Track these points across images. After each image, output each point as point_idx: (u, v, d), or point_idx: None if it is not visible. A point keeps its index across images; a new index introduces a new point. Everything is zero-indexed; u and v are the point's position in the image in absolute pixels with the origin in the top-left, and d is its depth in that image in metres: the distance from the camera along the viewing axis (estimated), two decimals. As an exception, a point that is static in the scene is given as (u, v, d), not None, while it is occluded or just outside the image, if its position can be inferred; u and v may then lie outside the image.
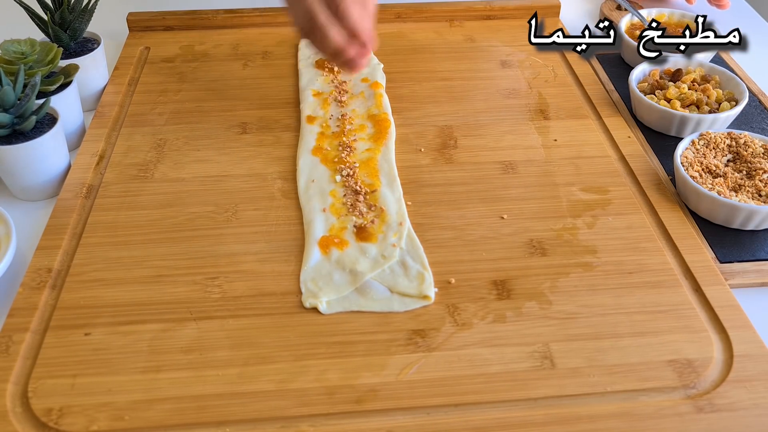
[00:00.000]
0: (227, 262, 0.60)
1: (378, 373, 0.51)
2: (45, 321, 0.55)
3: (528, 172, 0.70)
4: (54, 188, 0.69)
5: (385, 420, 0.48)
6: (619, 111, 0.79)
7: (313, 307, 0.56)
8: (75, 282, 0.58)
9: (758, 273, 0.60)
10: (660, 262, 0.60)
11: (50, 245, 0.61)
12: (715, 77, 0.78)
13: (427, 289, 0.57)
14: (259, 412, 0.49)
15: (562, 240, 0.62)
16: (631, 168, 0.70)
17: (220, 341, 0.53)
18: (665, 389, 0.50)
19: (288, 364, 0.52)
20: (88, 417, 0.48)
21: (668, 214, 0.65)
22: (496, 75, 0.85)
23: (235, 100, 0.80)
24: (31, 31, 0.76)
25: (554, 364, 0.52)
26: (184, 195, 0.67)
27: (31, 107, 0.65)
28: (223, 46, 0.90)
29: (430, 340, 0.53)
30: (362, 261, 0.59)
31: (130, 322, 0.55)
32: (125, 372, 0.51)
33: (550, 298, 0.57)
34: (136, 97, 0.81)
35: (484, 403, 0.49)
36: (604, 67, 0.87)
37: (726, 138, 0.69)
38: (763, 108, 0.80)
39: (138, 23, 0.93)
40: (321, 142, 0.72)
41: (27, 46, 0.71)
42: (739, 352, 0.52)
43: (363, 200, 0.65)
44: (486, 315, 0.55)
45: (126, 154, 0.72)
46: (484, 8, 0.96)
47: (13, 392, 0.50)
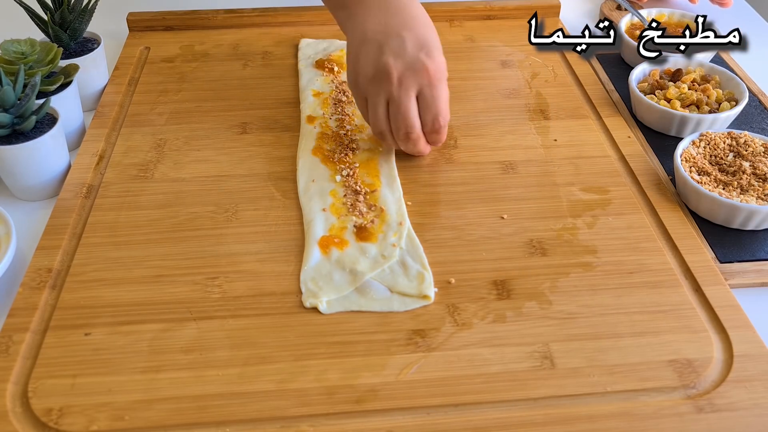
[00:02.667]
0: (227, 262, 0.60)
1: (378, 373, 0.51)
2: (45, 321, 0.55)
3: (528, 172, 0.70)
4: (54, 188, 0.69)
5: (385, 420, 0.48)
6: (619, 111, 0.79)
7: (313, 307, 0.56)
8: (75, 282, 0.58)
9: (758, 273, 0.60)
10: (660, 262, 0.60)
11: (50, 245, 0.61)
12: (715, 77, 0.78)
13: (426, 289, 0.57)
14: (259, 412, 0.49)
15: (562, 240, 0.62)
16: (631, 168, 0.70)
17: (220, 341, 0.53)
18: (665, 389, 0.50)
19: (288, 364, 0.52)
20: (88, 417, 0.48)
21: (668, 214, 0.65)
22: (496, 75, 0.85)
23: (235, 100, 0.80)
24: (31, 31, 0.76)
25: (554, 364, 0.52)
26: (184, 195, 0.67)
27: (31, 107, 0.65)
28: (223, 46, 0.90)
29: (430, 340, 0.53)
30: (362, 261, 0.59)
31: (130, 322, 0.55)
32: (125, 372, 0.51)
33: (550, 298, 0.57)
34: (136, 97, 0.81)
35: (484, 403, 0.49)
36: (604, 67, 0.87)
37: (726, 138, 0.69)
38: (763, 108, 0.80)
39: (138, 23, 0.93)
40: (321, 142, 0.72)
41: (27, 46, 0.71)
42: (739, 352, 0.52)
43: (363, 200, 0.65)
44: (486, 315, 0.55)
45: (126, 154, 0.72)
46: (484, 8, 0.96)
47: (13, 392, 0.50)
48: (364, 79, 0.64)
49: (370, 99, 0.65)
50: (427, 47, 0.63)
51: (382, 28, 0.64)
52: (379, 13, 0.65)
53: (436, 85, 0.63)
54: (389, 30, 0.64)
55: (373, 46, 0.63)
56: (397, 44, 0.63)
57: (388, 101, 0.64)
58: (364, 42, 0.64)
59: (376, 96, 0.64)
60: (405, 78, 0.62)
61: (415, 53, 0.62)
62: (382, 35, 0.63)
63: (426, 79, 0.62)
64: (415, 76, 0.62)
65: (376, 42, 0.63)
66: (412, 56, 0.62)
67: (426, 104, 0.63)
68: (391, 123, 0.64)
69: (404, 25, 0.64)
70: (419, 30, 0.64)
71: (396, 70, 0.62)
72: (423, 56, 0.62)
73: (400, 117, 0.63)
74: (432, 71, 0.62)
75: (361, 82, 0.64)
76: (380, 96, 0.63)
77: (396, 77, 0.62)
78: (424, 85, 0.63)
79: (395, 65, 0.62)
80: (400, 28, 0.64)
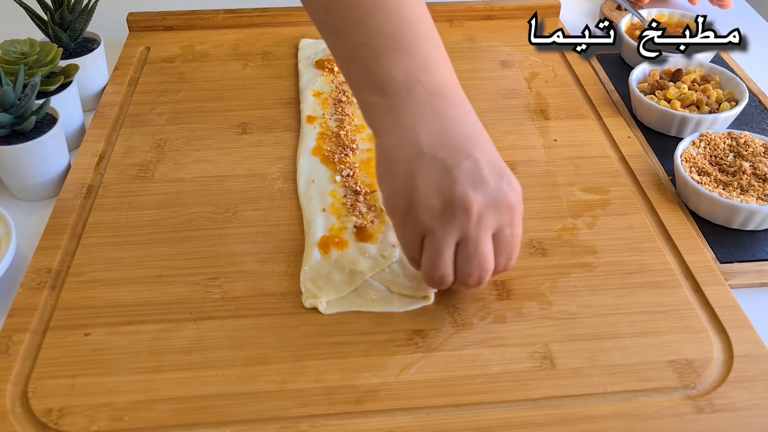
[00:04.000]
0: (227, 263, 0.60)
1: (378, 373, 0.51)
2: (45, 321, 0.55)
3: (528, 172, 0.70)
4: (54, 188, 0.69)
5: (385, 420, 0.48)
6: (619, 111, 0.79)
7: (313, 307, 0.56)
8: (75, 282, 0.58)
9: (758, 273, 0.60)
10: (660, 262, 0.60)
11: (50, 245, 0.61)
12: (715, 77, 0.78)
13: (426, 289, 0.57)
14: (259, 413, 0.49)
15: (562, 240, 0.62)
16: (631, 168, 0.70)
17: (220, 341, 0.53)
18: (665, 389, 0.50)
19: (288, 364, 0.52)
20: (88, 417, 0.48)
21: (668, 214, 0.65)
22: (496, 75, 0.85)
23: (235, 100, 0.80)
24: (31, 31, 0.76)
25: (554, 365, 0.52)
26: (184, 195, 0.67)
27: (31, 107, 0.65)
28: (223, 46, 0.90)
29: (430, 341, 0.53)
30: (362, 261, 0.59)
31: (130, 322, 0.55)
32: (125, 372, 0.51)
33: (550, 298, 0.57)
34: (136, 97, 0.81)
35: (485, 404, 0.49)
36: (604, 67, 0.87)
37: (726, 138, 0.69)
38: (763, 108, 0.80)
39: (138, 23, 0.93)
40: (321, 142, 0.72)
41: (27, 46, 0.71)
42: (739, 353, 0.52)
43: (363, 200, 0.65)
44: (486, 315, 0.55)
45: (126, 154, 0.72)
46: (484, 8, 0.96)
47: (13, 392, 0.50)
48: (427, 211, 0.49)
49: (433, 236, 0.50)
50: (505, 173, 0.51)
51: (441, 140, 0.50)
52: (432, 115, 0.50)
53: (517, 224, 0.51)
54: (456, 147, 0.50)
55: (437, 168, 0.49)
56: (473, 170, 0.49)
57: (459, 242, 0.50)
58: (420, 157, 0.49)
59: (444, 235, 0.49)
60: (485, 215, 0.49)
61: (497, 184, 0.49)
62: (446, 153, 0.49)
63: (509, 217, 0.50)
64: (498, 213, 0.50)
65: (440, 162, 0.49)
66: (494, 188, 0.49)
67: (503, 245, 0.51)
68: (459, 266, 0.50)
69: (471, 140, 0.51)
70: (488, 149, 0.51)
71: (477, 206, 0.49)
72: (506, 187, 0.50)
73: (476, 262, 0.50)
74: (516, 206, 0.50)
75: (423, 214, 0.49)
76: (451, 236, 0.49)
77: (476, 213, 0.49)
78: (505, 224, 0.50)
79: (476, 200, 0.48)
80: (468, 146, 0.50)
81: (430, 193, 0.49)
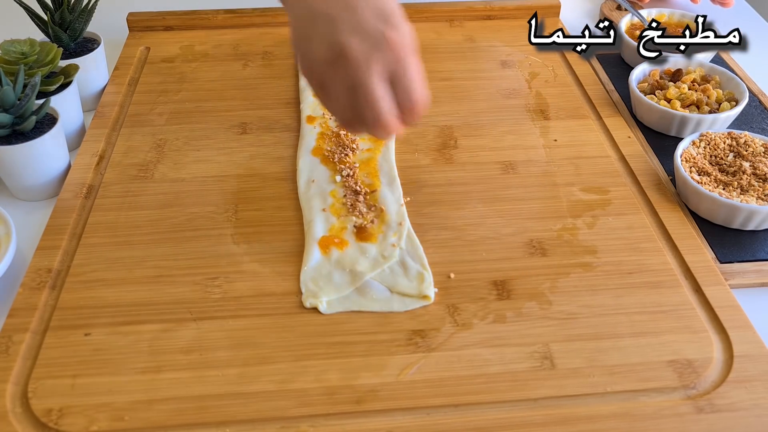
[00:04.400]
0: (227, 262, 0.60)
1: (378, 373, 0.51)
2: (45, 321, 0.55)
3: (528, 172, 0.70)
4: (54, 188, 0.69)
5: (385, 420, 0.48)
6: (619, 111, 0.79)
7: (313, 307, 0.56)
8: (75, 282, 0.58)
9: (758, 273, 0.60)
10: (660, 262, 0.60)
11: (50, 245, 0.61)
12: (715, 77, 0.78)
13: (426, 289, 0.57)
14: (259, 413, 0.49)
15: (562, 240, 0.62)
16: (631, 168, 0.70)
17: (220, 341, 0.53)
18: (665, 389, 0.50)
19: (288, 364, 0.52)
20: (88, 417, 0.48)
21: (668, 214, 0.65)
22: (496, 75, 0.85)
23: (235, 100, 0.80)
24: (31, 31, 0.76)
25: (554, 365, 0.52)
26: (184, 195, 0.67)
27: (31, 107, 0.65)
28: (223, 46, 0.90)
29: (430, 341, 0.53)
30: (362, 261, 0.59)
31: (130, 322, 0.55)
32: (125, 372, 0.51)
33: (550, 298, 0.57)
34: (136, 97, 0.81)
35: (484, 404, 0.49)
36: (604, 67, 0.87)
37: (726, 138, 0.69)
38: (763, 108, 0.80)
39: (138, 23, 0.93)
40: (321, 142, 0.72)
41: (27, 46, 0.71)
42: (739, 353, 0.52)
43: (363, 200, 0.65)
44: (486, 315, 0.55)
45: (126, 154, 0.72)
46: (484, 8, 0.96)
47: (13, 392, 0.50)
48: (319, 64, 0.53)
49: (326, 86, 0.54)
50: (388, 16, 0.53)
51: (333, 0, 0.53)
52: None
53: (406, 61, 0.52)
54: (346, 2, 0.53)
55: (324, 22, 0.53)
56: (352, 17, 0.52)
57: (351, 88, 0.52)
58: (311, 18, 0.53)
59: (335, 83, 0.53)
60: (370, 60, 0.51)
61: (378, 27, 0.52)
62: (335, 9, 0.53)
63: (394, 56, 0.52)
64: (381, 55, 0.52)
65: (326, 17, 0.53)
66: (373, 31, 0.52)
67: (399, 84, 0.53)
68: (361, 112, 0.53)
69: None
70: None
71: (355, 50, 0.51)
72: (387, 29, 0.52)
73: (368, 105, 0.52)
74: (398, 44, 0.52)
75: (316, 68, 0.54)
76: (341, 82, 0.53)
77: (357, 58, 0.51)
78: (392, 63, 0.52)
79: (354, 44, 0.51)
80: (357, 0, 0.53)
81: (320, 46, 0.52)
